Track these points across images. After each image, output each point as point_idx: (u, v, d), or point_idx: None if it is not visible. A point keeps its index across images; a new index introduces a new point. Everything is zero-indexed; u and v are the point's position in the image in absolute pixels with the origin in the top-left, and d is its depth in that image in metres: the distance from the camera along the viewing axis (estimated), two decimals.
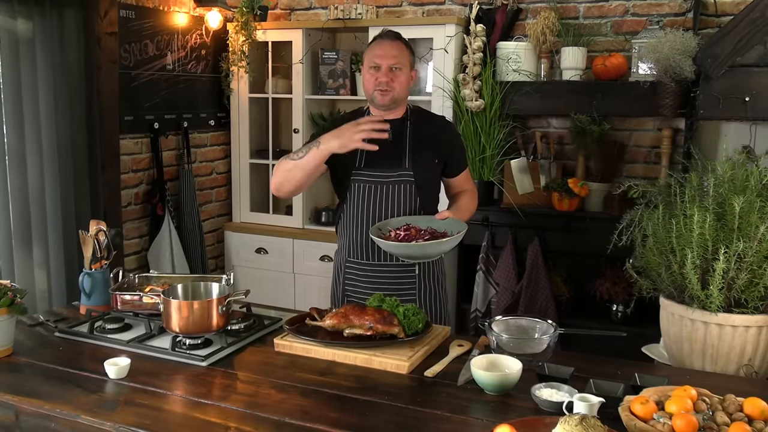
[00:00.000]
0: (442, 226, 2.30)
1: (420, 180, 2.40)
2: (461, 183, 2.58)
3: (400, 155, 2.40)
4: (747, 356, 1.95)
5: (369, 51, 2.42)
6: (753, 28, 2.85)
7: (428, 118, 2.55)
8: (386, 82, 2.35)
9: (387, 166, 2.39)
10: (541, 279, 3.51)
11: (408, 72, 2.41)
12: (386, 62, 2.36)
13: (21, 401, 1.67)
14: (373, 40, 2.47)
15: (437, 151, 2.46)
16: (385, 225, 2.34)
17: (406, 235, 2.24)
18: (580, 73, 3.52)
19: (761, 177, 1.98)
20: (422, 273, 2.46)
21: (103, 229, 2.30)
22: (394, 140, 2.37)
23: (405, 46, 2.42)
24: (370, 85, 2.39)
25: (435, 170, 2.48)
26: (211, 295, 2.05)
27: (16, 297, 1.91)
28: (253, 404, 1.64)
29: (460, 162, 2.56)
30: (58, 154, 3.24)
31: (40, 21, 3.11)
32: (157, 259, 3.81)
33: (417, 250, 2.18)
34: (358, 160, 2.40)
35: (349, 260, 2.47)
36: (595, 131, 3.48)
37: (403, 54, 2.39)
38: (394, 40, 2.41)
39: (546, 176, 3.70)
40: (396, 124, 2.41)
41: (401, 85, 2.38)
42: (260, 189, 4.40)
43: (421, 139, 2.44)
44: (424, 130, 2.46)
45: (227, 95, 4.24)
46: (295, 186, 2.36)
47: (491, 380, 1.69)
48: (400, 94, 2.39)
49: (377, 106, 2.42)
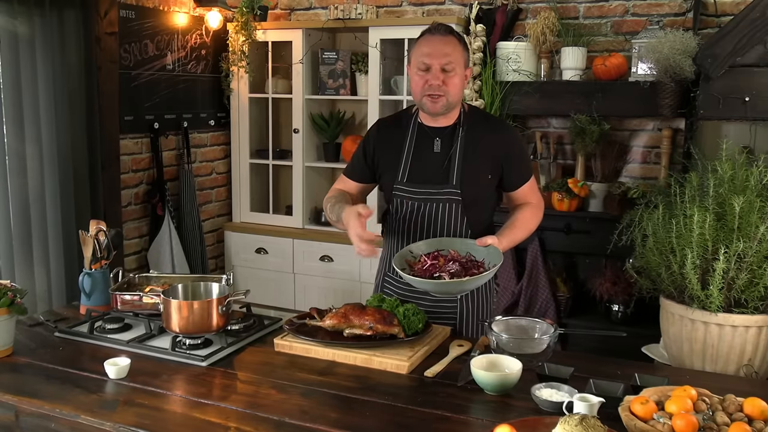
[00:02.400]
0: (481, 254, 2.05)
1: (468, 198, 2.16)
2: (524, 196, 2.27)
3: (448, 169, 2.16)
4: (747, 356, 1.95)
5: (417, 49, 2.13)
6: (753, 28, 2.85)
7: (484, 123, 2.24)
8: (437, 86, 2.08)
9: (432, 181, 2.16)
10: (541, 279, 3.51)
11: (462, 72, 2.12)
12: (437, 62, 2.07)
13: (21, 401, 1.67)
14: (421, 35, 2.16)
15: (491, 165, 2.18)
16: (417, 248, 2.10)
17: (432, 266, 2.00)
18: (580, 73, 3.52)
19: (761, 177, 1.99)
20: (466, 296, 2.22)
21: (103, 229, 2.30)
22: (443, 151, 2.17)
23: (458, 41, 2.12)
24: (418, 89, 2.12)
25: (488, 186, 2.21)
26: (211, 295, 2.05)
27: (16, 297, 1.91)
28: (253, 404, 1.64)
29: (519, 174, 2.24)
30: (58, 154, 3.24)
31: (40, 21, 3.11)
32: (157, 259, 3.81)
33: (435, 287, 1.96)
34: (400, 174, 2.20)
35: (387, 275, 2.32)
36: (595, 131, 3.48)
37: (456, 51, 2.10)
38: (446, 35, 2.11)
39: (546, 176, 3.70)
40: (446, 133, 2.19)
41: (455, 88, 2.10)
42: (260, 189, 4.40)
43: (473, 150, 2.17)
44: (477, 139, 2.18)
45: (227, 95, 4.24)
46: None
47: (491, 380, 1.69)
48: (453, 98, 2.12)
49: (427, 113, 2.17)
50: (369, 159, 2.29)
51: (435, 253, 2.06)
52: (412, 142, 2.23)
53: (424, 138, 2.23)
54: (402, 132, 2.26)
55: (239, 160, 4.28)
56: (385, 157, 2.26)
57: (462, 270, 1.99)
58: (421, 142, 2.22)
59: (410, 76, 2.17)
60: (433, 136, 2.21)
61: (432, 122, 2.22)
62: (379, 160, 2.28)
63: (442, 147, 2.19)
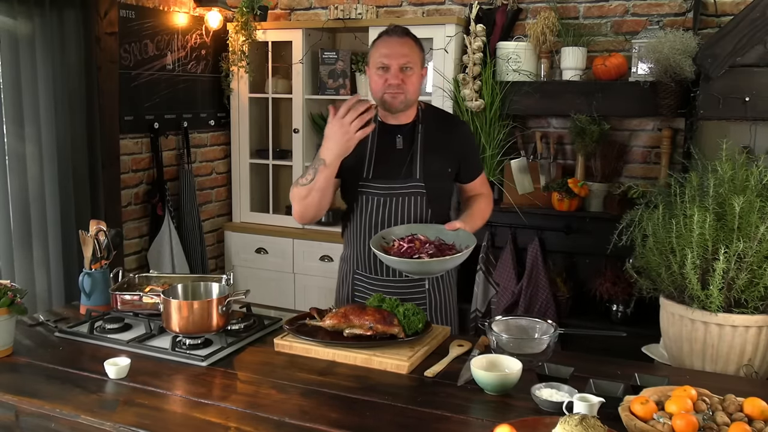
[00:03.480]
0: (450, 238, 2.14)
1: (432, 191, 2.26)
2: (476, 188, 2.42)
3: (411, 164, 2.25)
4: (747, 356, 1.95)
5: (375, 50, 2.23)
6: (753, 28, 2.85)
7: (441, 120, 2.37)
8: (397, 85, 2.18)
9: (396, 176, 2.25)
10: (541, 279, 3.51)
11: (419, 71, 2.23)
12: (396, 62, 2.17)
13: (21, 401, 1.67)
14: (378, 36, 2.26)
15: (450, 158, 2.31)
16: (389, 233, 2.18)
17: (409, 248, 2.08)
18: (580, 73, 3.52)
19: (761, 177, 1.99)
20: (432, 287, 2.34)
21: (103, 229, 2.30)
22: (405, 148, 2.25)
23: (415, 43, 2.23)
24: (378, 88, 2.21)
25: (448, 179, 2.34)
26: (211, 295, 2.05)
27: (16, 297, 1.91)
28: (253, 404, 1.64)
29: (474, 167, 2.40)
30: (58, 154, 3.23)
31: (40, 21, 3.11)
32: (157, 259, 3.81)
33: (418, 266, 2.03)
34: (365, 171, 2.27)
35: (357, 272, 2.36)
36: (595, 131, 3.48)
37: (413, 52, 2.21)
38: (403, 36, 2.22)
39: (546, 176, 3.70)
40: (406, 130, 2.28)
41: (413, 86, 2.21)
42: (260, 189, 4.40)
43: (433, 145, 2.27)
44: (436, 134, 2.29)
45: (227, 95, 4.24)
46: (317, 208, 2.21)
47: (491, 380, 1.69)
48: (411, 96, 2.22)
49: (387, 110, 2.25)
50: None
51: (410, 237, 2.14)
52: (374, 140, 2.28)
53: (385, 135, 2.29)
54: None
55: (239, 160, 4.28)
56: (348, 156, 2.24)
57: (438, 251, 2.08)
58: (383, 139, 2.29)
59: (369, 77, 2.26)
60: (395, 133, 2.30)
61: (392, 120, 2.29)
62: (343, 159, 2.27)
63: (404, 143, 2.27)
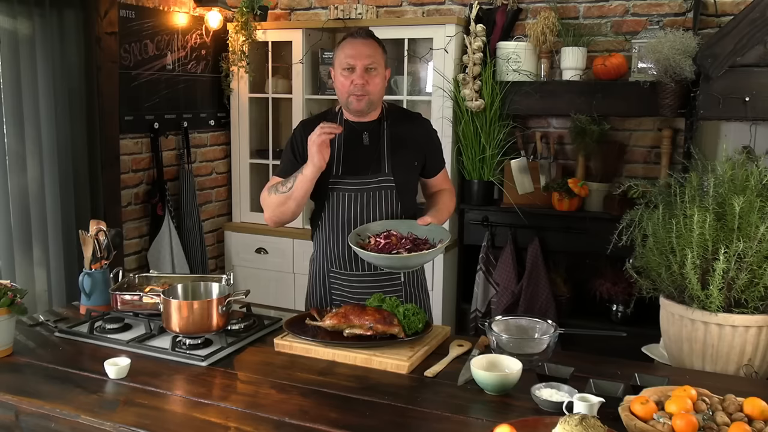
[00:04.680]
0: (423, 232, 2.21)
1: (401, 185, 2.32)
2: (439, 183, 2.48)
3: (379, 159, 2.31)
4: (747, 356, 1.95)
5: (340, 51, 2.27)
6: (753, 28, 2.85)
7: (405, 117, 2.43)
8: (361, 86, 2.22)
9: (366, 171, 2.30)
10: (541, 279, 3.51)
11: (383, 72, 2.27)
12: (360, 63, 2.21)
13: (21, 401, 1.67)
14: (342, 39, 2.31)
15: (415, 152, 2.37)
16: (365, 230, 2.23)
17: (387, 244, 2.14)
18: (580, 73, 3.52)
19: (761, 177, 1.99)
20: (407, 280, 2.39)
21: (103, 229, 2.30)
22: (372, 144, 2.31)
23: (378, 44, 2.28)
24: (344, 89, 2.25)
25: (414, 172, 2.39)
26: (211, 295, 2.05)
27: (16, 297, 1.91)
28: (253, 404, 1.64)
29: (438, 161, 2.46)
30: (58, 154, 3.23)
31: (40, 21, 3.11)
32: (157, 259, 3.81)
33: (398, 261, 2.10)
34: (335, 168, 2.30)
35: (332, 270, 2.39)
36: (595, 131, 3.48)
37: (377, 53, 2.25)
38: (367, 38, 2.27)
39: (546, 176, 3.70)
40: (372, 127, 2.33)
41: (377, 86, 2.25)
42: (260, 189, 4.36)
43: (398, 140, 2.34)
44: (401, 130, 2.35)
45: (227, 95, 4.24)
46: (292, 215, 2.34)
47: (491, 380, 1.69)
48: (376, 96, 2.27)
49: (352, 111, 2.30)
50: (299, 158, 2.33)
51: (386, 233, 2.19)
52: (341, 138, 2.31)
53: (352, 133, 2.33)
54: None
55: (239, 160, 4.28)
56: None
57: (414, 246, 2.14)
58: (350, 136, 2.33)
59: (334, 78, 2.30)
60: (361, 131, 2.34)
61: (358, 118, 2.33)
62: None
63: (370, 140, 2.32)
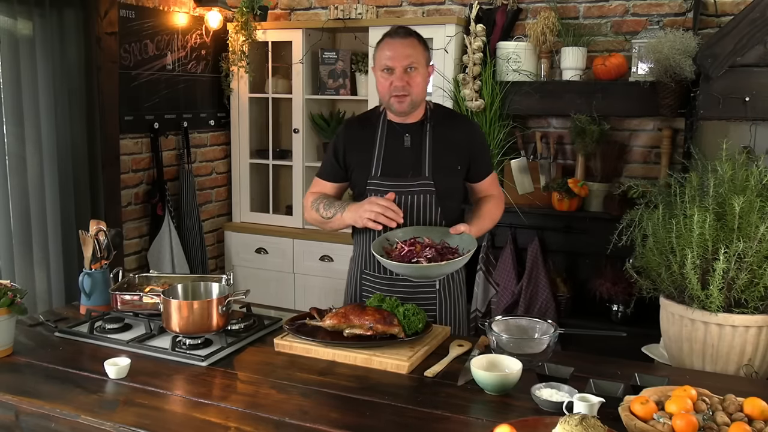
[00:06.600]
0: (455, 241, 2.13)
1: (441, 189, 2.24)
2: (486, 188, 2.39)
3: (420, 162, 2.24)
4: (747, 356, 1.95)
5: (379, 52, 2.22)
6: (753, 28, 2.84)
7: (450, 118, 2.35)
8: (402, 87, 2.17)
9: (405, 174, 2.24)
10: (541, 279, 3.51)
11: (425, 71, 2.22)
12: (400, 64, 2.16)
13: (21, 401, 1.67)
14: (382, 38, 2.25)
15: (459, 156, 2.28)
16: (393, 235, 2.17)
17: (409, 252, 2.07)
18: (580, 73, 3.52)
19: (761, 177, 1.99)
20: (444, 287, 2.31)
21: (103, 229, 2.30)
22: (413, 146, 2.25)
23: (419, 42, 2.22)
24: (384, 90, 2.21)
25: (457, 176, 2.31)
26: (211, 295, 2.05)
27: (16, 297, 1.91)
28: (253, 404, 1.64)
29: (484, 166, 2.37)
30: (58, 154, 3.24)
31: (40, 21, 3.11)
32: (157, 259, 3.81)
33: (414, 270, 2.04)
34: (374, 168, 2.27)
35: (364, 272, 2.36)
36: (595, 131, 3.48)
37: (417, 51, 2.19)
38: (406, 37, 2.20)
39: (546, 176, 3.70)
40: (414, 129, 2.28)
41: (419, 87, 2.19)
42: (260, 189, 4.40)
43: (442, 143, 2.26)
44: (445, 132, 2.28)
45: (227, 95, 4.24)
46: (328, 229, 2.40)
47: (491, 380, 1.69)
48: (418, 96, 2.21)
49: (394, 112, 2.25)
50: (340, 159, 2.35)
51: (412, 240, 2.13)
52: (382, 139, 2.30)
53: (393, 134, 2.30)
54: (371, 130, 2.33)
55: (239, 160, 4.28)
56: (356, 155, 2.32)
57: (438, 255, 2.06)
58: (392, 138, 2.30)
59: (376, 78, 2.26)
60: (403, 132, 2.30)
61: (400, 119, 2.29)
62: (350, 159, 2.34)
63: (412, 142, 2.27)
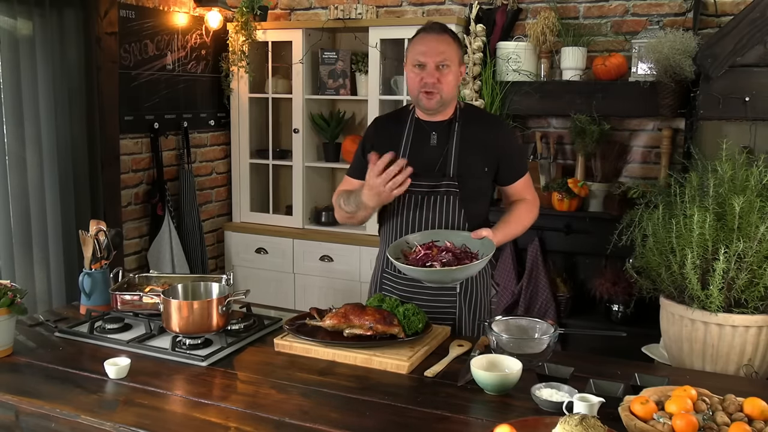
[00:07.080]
0: (476, 246, 2.07)
1: (466, 191, 2.20)
2: (519, 191, 2.30)
3: (445, 162, 2.20)
4: (747, 356, 1.95)
5: (412, 47, 2.18)
6: (753, 28, 2.85)
7: (479, 119, 2.29)
8: (432, 83, 2.13)
9: (430, 174, 2.19)
10: (541, 279, 3.51)
11: (457, 69, 2.17)
12: (432, 60, 2.12)
13: (21, 401, 1.67)
14: (416, 33, 2.22)
15: (487, 158, 2.22)
16: (414, 238, 2.14)
17: (425, 255, 2.03)
18: (580, 73, 3.52)
19: (761, 177, 1.99)
20: (464, 292, 2.24)
21: (103, 229, 2.30)
22: (439, 145, 2.21)
23: (453, 40, 2.17)
24: (414, 86, 2.17)
25: (485, 179, 2.25)
26: (211, 295, 2.05)
27: (16, 297, 1.91)
28: (253, 404, 1.64)
29: (515, 168, 2.29)
30: (58, 154, 3.23)
31: (40, 21, 3.11)
32: (157, 259, 3.81)
33: (426, 275, 2.00)
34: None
35: (385, 271, 2.32)
36: (595, 131, 3.48)
37: (450, 49, 2.15)
38: (441, 33, 2.16)
39: (546, 176, 3.70)
40: (442, 128, 2.24)
41: (449, 85, 2.16)
42: (260, 189, 4.40)
43: (469, 143, 2.21)
44: (473, 132, 2.23)
45: (227, 95, 4.24)
46: (360, 224, 2.31)
47: (491, 380, 1.69)
48: (448, 94, 2.17)
49: (422, 109, 2.22)
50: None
51: (429, 243, 2.10)
52: (409, 137, 2.27)
53: (420, 132, 2.27)
54: (400, 127, 2.30)
55: (239, 160, 4.28)
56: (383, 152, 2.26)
57: (454, 260, 2.02)
58: (418, 136, 2.26)
59: (407, 73, 2.23)
60: (430, 130, 2.26)
61: (428, 117, 2.26)
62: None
63: (438, 141, 2.23)
